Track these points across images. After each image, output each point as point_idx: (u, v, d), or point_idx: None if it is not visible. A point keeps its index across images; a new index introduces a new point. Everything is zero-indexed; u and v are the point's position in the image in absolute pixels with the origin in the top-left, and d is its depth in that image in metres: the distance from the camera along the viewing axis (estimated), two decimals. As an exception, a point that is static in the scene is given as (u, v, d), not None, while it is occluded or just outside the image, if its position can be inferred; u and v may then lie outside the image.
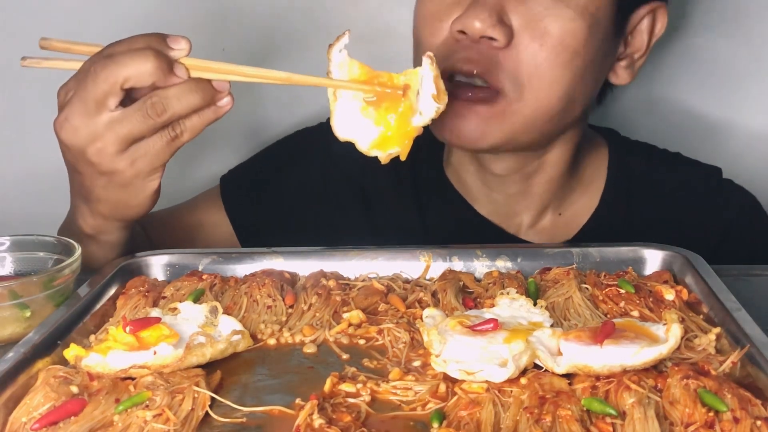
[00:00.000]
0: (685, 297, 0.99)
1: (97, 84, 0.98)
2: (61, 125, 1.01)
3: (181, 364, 0.85)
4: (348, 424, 0.76)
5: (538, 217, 1.36)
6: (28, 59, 1.04)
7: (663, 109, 1.71)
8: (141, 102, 0.99)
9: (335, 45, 1.01)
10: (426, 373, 0.86)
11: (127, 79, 0.97)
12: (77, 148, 1.02)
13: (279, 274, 1.08)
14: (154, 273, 1.11)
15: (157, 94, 0.99)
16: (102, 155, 1.01)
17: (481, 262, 1.10)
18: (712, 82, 1.68)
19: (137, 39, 1.01)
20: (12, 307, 0.98)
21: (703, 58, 1.67)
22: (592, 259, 1.10)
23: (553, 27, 1.13)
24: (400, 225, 1.38)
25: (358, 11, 1.72)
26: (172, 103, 0.99)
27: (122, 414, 0.78)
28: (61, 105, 1.03)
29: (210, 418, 0.80)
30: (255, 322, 0.99)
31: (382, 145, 1.03)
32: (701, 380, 0.78)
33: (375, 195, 1.40)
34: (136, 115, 0.99)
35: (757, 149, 1.70)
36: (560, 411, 0.76)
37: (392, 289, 1.05)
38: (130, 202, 1.07)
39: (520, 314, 0.94)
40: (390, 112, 1.02)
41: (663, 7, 1.26)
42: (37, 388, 0.81)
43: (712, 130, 1.70)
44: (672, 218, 1.35)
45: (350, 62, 1.01)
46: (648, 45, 1.27)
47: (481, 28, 1.11)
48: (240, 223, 1.44)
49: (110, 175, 1.03)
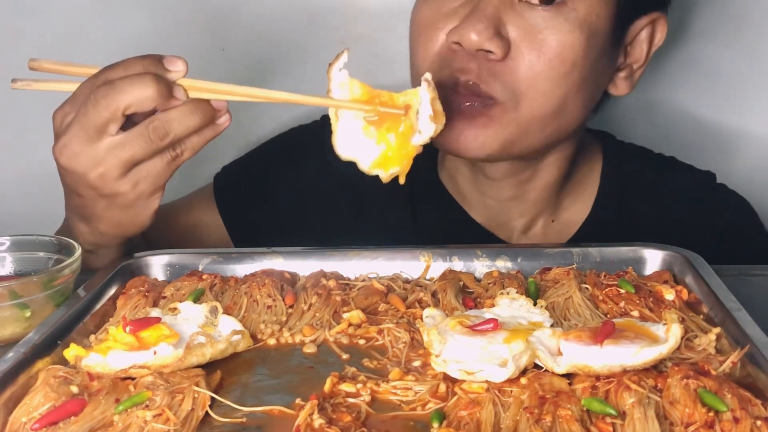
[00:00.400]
0: (685, 297, 0.99)
1: (99, 111, 0.97)
2: (61, 151, 1.01)
3: (181, 364, 0.85)
4: (348, 424, 0.76)
5: (530, 223, 1.36)
6: (19, 81, 1.01)
7: (663, 114, 1.71)
8: (143, 126, 0.99)
9: (335, 64, 1.01)
10: (426, 373, 0.86)
11: (129, 106, 0.98)
12: (78, 174, 1.02)
13: (279, 274, 1.08)
14: (154, 273, 1.11)
15: (158, 118, 0.99)
16: (104, 179, 1.01)
17: (481, 262, 1.10)
18: (713, 89, 1.68)
19: (134, 63, 1.00)
20: (12, 307, 0.98)
21: (703, 65, 1.66)
22: (592, 259, 1.10)
23: (551, 39, 1.12)
24: (393, 227, 1.37)
25: (357, 11, 1.72)
26: (174, 126, 0.99)
27: (122, 414, 0.78)
28: (59, 130, 1.03)
29: (210, 418, 0.80)
30: (255, 322, 0.99)
31: (384, 164, 1.04)
32: (701, 380, 0.78)
33: (369, 196, 1.39)
34: (138, 140, 0.99)
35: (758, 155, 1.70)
36: (560, 411, 0.76)
37: (392, 289, 1.05)
38: (132, 222, 1.08)
39: (520, 314, 0.94)
40: (391, 131, 1.02)
41: (662, 18, 1.25)
42: (37, 388, 0.81)
43: (711, 136, 1.70)
44: (665, 223, 1.34)
45: (351, 82, 1.01)
46: (647, 55, 1.26)
47: (478, 41, 1.10)
48: (233, 223, 1.44)
49: (112, 198, 1.04)
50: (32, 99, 1.71)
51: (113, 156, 0.99)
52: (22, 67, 1.05)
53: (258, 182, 1.46)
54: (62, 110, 1.03)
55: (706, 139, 1.69)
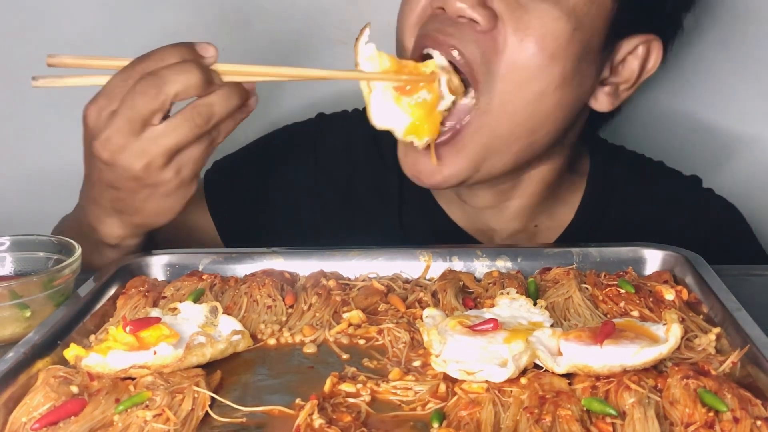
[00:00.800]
0: (685, 297, 0.99)
1: (147, 102, 0.98)
2: (104, 146, 1.00)
3: (181, 364, 0.85)
4: (348, 424, 0.76)
5: (512, 230, 1.34)
6: (40, 79, 1.01)
7: (659, 115, 1.71)
8: (187, 112, 1.00)
9: (360, 38, 1.05)
10: (426, 373, 0.86)
11: (177, 95, 0.98)
12: (123, 167, 1.01)
13: (279, 274, 1.08)
14: (154, 273, 1.11)
15: (201, 104, 1.00)
16: (149, 169, 1.01)
17: (481, 262, 1.10)
18: (709, 90, 1.68)
19: (170, 52, 1.01)
20: (12, 307, 0.98)
21: (710, 67, 1.66)
22: (592, 259, 1.10)
23: (536, 23, 1.08)
24: (380, 226, 1.37)
25: (357, 10, 1.72)
26: (216, 110, 1.01)
27: (122, 414, 0.78)
28: (95, 125, 1.01)
29: (210, 418, 0.80)
30: (255, 322, 0.99)
31: (416, 131, 1.08)
32: (701, 380, 0.78)
33: (359, 197, 1.39)
34: (183, 127, 1.00)
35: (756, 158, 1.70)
36: (560, 411, 0.76)
37: (392, 289, 1.05)
38: (169, 209, 1.08)
39: (520, 314, 0.94)
40: (420, 99, 1.07)
41: (658, 41, 1.20)
42: (37, 388, 0.81)
43: (707, 137, 1.70)
44: (650, 227, 1.32)
45: (379, 54, 1.05)
46: (637, 79, 1.22)
47: (462, 8, 1.07)
48: (223, 219, 1.42)
49: (155, 187, 1.04)
50: (32, 99, 1.72)
51: (158, 145, 1.00)
52: (25, 67, 1.04)
53: (249, 180, 1.44)
54: (96, 104, 1.01)
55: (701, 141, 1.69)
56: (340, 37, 1.71)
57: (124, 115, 0.99)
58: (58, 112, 1.71)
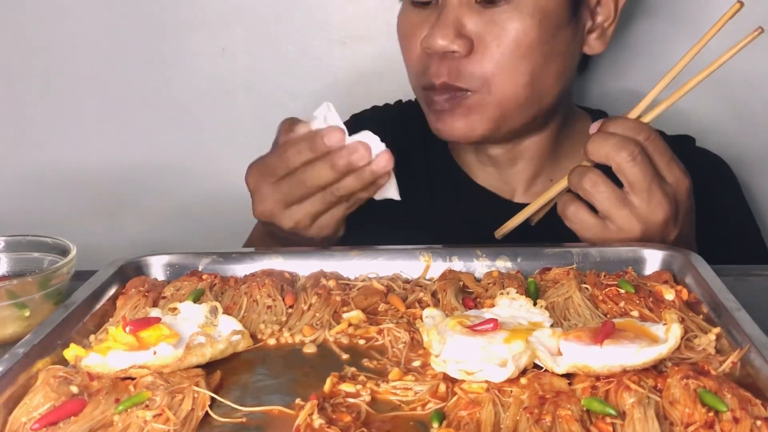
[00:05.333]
0: (685, 297, 0.99)
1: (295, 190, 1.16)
2: (262, 213, 1.21)
3: (181, 364, 0.85)
4: (348, 424, 0.76)
5: (530, 184, 1.47)
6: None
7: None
8: (325, 194, 1.16)
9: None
10: (426, 373, 0.86)
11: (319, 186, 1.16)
12: (276, 225, 1.21)
13: (279, 274, 1.08)
14: (154, 273, 1.11)
15: (335, 188, 1.15)
16: (297, 228, 1.21)
17: (481, 262, 1.11)
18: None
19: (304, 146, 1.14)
20: (11, 307, 0.99)
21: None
22: (592, 259, 1.10)
23: (507, 28, 1.25)
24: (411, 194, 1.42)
25: (357, 11, 1.72)
26: (341, 190, 1.15)
27: (122, 414, 0.78)
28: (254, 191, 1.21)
29: (210, 418, 0.80)
30: (255, 322, 0.99)
31: None
32: (701, 380, 0.78)
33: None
34: (319, 202, 1.17)
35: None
36: (560, 411, 0.76)
37: (392, 289, 1.05)
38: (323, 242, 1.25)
39: (520, 314, 0.94)
40: None
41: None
42: (37, 388, 0.82)
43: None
44: None
45: None
46: (616, 11, 1.35)
47: (443, 45, 1.25)
48: None
49: (304, 237, 1.23)
50: (32, 99, 1.72)
51: (304, 215, 1.19)
52: (25, 67, 1.04)
53: None
54: (253, 176, 1.21)
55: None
56: (340, 37, 1.72)
57: (279, 195, 1.18)
58: (57, 112, 1.72)
